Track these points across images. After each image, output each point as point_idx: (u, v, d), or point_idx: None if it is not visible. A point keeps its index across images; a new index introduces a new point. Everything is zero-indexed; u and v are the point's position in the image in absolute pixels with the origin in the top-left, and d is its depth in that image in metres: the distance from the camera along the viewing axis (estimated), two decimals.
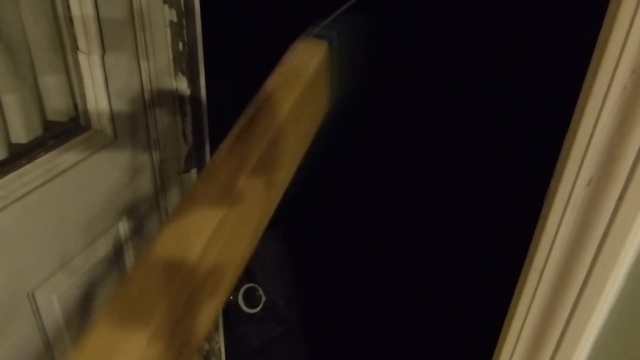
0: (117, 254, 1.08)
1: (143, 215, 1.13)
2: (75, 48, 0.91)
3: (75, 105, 0.97)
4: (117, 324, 0.45)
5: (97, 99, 0.95)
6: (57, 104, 0.94)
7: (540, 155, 1.47)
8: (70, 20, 0.88)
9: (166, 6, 0.98)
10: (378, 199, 2.79)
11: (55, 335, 0.97)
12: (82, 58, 0.92)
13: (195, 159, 1.19)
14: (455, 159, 2.98)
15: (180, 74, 1.07)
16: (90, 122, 0.98)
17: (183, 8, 1.02)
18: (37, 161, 0.87)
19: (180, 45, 1.04)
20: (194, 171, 1.20)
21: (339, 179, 2.77)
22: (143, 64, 1.00)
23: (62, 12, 0.88)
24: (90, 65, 0.92)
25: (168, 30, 1.00)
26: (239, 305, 1.86)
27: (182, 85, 1.09)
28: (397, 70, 3.12)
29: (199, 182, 0.61)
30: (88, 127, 0.98)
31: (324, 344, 2.04)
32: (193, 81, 1.13)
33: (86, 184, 0.96)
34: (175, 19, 1.00)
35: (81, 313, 1.03)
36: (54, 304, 0.94)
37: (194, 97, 1.14)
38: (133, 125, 1.03)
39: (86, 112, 0.97)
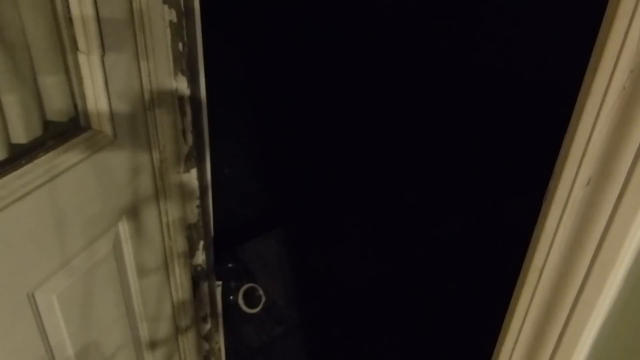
0: (117, 254, 1.08)
1: (143, 215, 1.13)
2: (75, 48, 0.91)
3: (75, 106, 0.97)
4: None
5: (97, 99, 0.95)
6: (57, 104, 0.94)
7: (539, 155, 1.47)
8: (69, 20, 0.88)
9: (166, 6, 0.98)
10: (378, 199, 2.79)
11: (55, 335, 0.97)
12: (81, 58, 0.92)
13: (195, 159, 1.20)
14: (455, 159, 2.98)
15: (180, 74, 1.07)
16: (90, 122, 0.98)
17: (183, 8, 1.02)
18: (37, 161, 0.87)
19: (180, 45, 1.04)
20: (193, 171, 1.20)
21: (339, 180, 2.77)
22: (143, 64, 1.00)
23: (62, 12, 0.88)
24: (90, 66, 0.92)
25: (168, 30, 1.00)
26: (239, 305, 1.86)
27: (182, 85, 1.09)
28: (397, 71, 3.13)
29: None
30: (88, 127, 0.98)
31: (324, 344, 2.04)
32: (193, 81, 1.13)
33: (86, 184, 0.96)
34: (175, 19, 1.00)
35: (81, 313, 1.03)
36: (54, 304, 0.94)
37: (194, 97, 1.14)
38: (133, 125, 1.03)
39: (86, 112, 0.97)
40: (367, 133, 2.99)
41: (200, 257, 1.33)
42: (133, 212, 1.10)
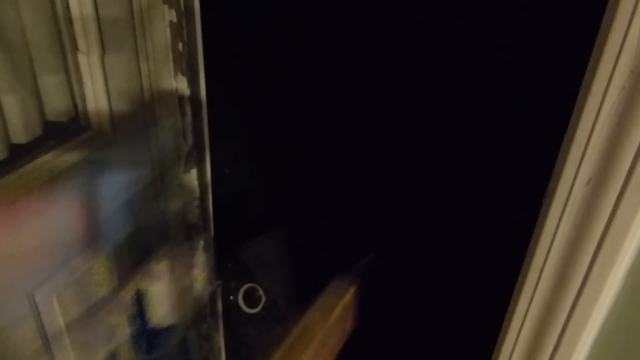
0: (117, 254, 1.08)
1: (143, 215, 1.13)
2: (75, 48, 0.91)
3: (75, 106, 0.97)
4: None
5: (97, 99, 0.95)
6: (56, 104, 0.94)
7: (539, 155, 1.47)
8: (70, 20, 0.88)
9: (166, 6, 0.98)
10: (378, 200, 2.80)
11: (55, 335, 0.97)
12: (81, 58, 0.92)
13: (195, 159, 1.20)
14: (455, 158, 2.98)
15: (180, 74, 1.07)
16: (90, 122, 0.98)
17: (183, 8, 1.02)
18: (37, 161, 0.87)
19: (180, 45, 1.04)
20: (193, 171, 1.20)
21: (339, 180, 2.77)
22: (143, 64, 1.00)
23: (62, 12, 0.88)
24: (90, 66, 0.92)
25: (168, 30, 1.00)
26: (239, 305, 1.86)
27: (182, 85, 1.09)
28: (395, 71, 3.13)
29: None
30: (88, 127, 0.98)
31: None
32: (193, 81, 1.13)
33: (86, 183, 0.96)
34: (175, 19, 1.00)
35: (81, 313, 1.03)
36: (54, 304, 0.94)
37: (194, 97, 1.14)
38: (133, 125, 1.03)
39: (86, 113, 0.97)
40: (367, 133, 2.99)
41: (200, 257, 1.33)
42: (133, 212, 1.10)
